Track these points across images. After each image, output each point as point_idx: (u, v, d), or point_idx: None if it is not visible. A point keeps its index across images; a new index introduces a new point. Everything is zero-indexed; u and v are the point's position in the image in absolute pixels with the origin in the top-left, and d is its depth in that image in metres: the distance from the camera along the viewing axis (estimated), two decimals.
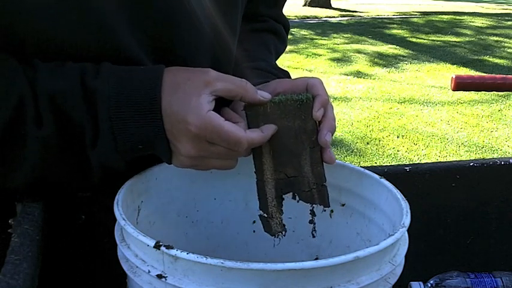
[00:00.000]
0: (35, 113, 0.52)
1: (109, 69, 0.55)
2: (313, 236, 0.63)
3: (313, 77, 0.62)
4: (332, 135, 0.59)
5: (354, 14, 10.51)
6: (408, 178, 0.83)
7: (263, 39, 0.85)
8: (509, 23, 9.46)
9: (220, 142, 0.54)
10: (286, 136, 0.59)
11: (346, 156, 3.32)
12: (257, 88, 0.61)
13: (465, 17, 10.14)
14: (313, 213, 0.62)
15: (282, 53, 0.90)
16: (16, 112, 0.51)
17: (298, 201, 0.61)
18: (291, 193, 0.61)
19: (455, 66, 5.92)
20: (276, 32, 0.88)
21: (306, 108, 0.58)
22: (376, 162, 3.23)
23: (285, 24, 0.90)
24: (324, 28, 8.51)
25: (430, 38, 7.71)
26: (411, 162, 3.15)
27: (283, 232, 0.62)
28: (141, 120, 0.53)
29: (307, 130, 0.58)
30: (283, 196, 0.61)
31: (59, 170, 0.56)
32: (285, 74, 0.80)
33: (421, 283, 0.80)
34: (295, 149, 0.59)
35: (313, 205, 0.61)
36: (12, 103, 0.51)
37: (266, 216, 0.62)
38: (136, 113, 0.53)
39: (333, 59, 6.23)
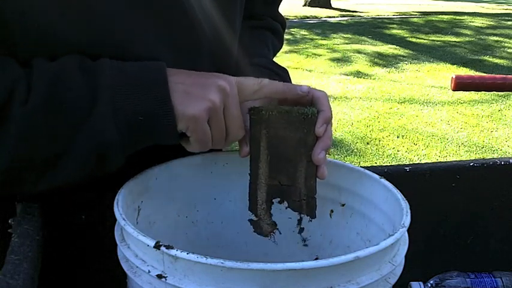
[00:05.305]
0: (25, 90, 0.49)
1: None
2: (305, 245, 0.66)
3: (319, 90, 0.62)
4: (326, 153, 0.60)
5: (354, 14, 10.51)
6: (408, 178, 0.83)
7: (261, 36, 0.85)
8: (509, 23, 9.46)
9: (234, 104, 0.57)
10: (286, 146, 0.60)
11: (346, 156, 3.32)
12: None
13: (465, 17, 10.14)
14: (300, 222, 0.63)
15: (279, 50, 0.92)
16: (8, 95, 0.48)
17: (286, 208, 0.62)
18: (280, 199, 0.63)
19: (455, 66, 5.92)
20: (273, 30, 0.89)
21: (309, 122, 0.59)
22: (376, 162, 3.23)
23: (282, 22, 0.92)
24: (324, 28, 8.51)
25: (430, 38, 7.71)
26: (411, 162, 3.15)
27: (275, 231, 0.63)
28: (145, 90, 0.52)
29: (307, 144, 0.59)
30: (273, 200, 0.63)
31: (40, 154, 0.51)
32: (284, 71, 0.81)
33: (421, 283, 0.80)
34: (292, 159, 0.60)
35: (301, 214, 0.63)
36: (4, 87, 0.49)
37: (255, 218, 0.64)
38: (139, 86, 0.52)
39: (333, 59, 6.23)
